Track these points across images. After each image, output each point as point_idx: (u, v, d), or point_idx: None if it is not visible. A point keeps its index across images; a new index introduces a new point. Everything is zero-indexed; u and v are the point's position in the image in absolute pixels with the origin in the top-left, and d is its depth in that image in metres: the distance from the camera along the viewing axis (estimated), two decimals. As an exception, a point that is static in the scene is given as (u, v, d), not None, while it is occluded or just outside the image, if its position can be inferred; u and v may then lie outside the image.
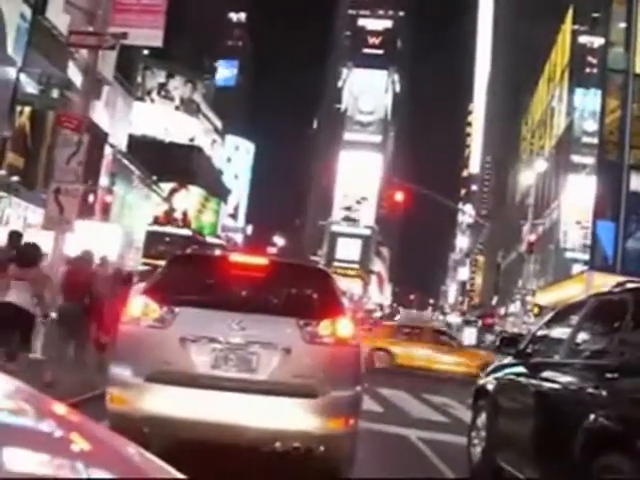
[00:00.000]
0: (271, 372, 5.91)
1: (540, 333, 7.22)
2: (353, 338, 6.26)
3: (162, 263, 7.70)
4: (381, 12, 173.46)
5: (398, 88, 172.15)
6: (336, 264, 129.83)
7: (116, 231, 33.24)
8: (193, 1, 62.08)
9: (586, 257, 35.21)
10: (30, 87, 23.39)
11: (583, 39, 46.58)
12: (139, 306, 6.18)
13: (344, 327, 6.19)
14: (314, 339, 6.01)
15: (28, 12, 22.75)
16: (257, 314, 6.16)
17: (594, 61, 42.48)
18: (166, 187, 56.29)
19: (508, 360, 7.56)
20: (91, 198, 28.60)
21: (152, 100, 68.11)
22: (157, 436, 5.68)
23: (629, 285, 5.63)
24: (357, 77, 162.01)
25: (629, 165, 31.75)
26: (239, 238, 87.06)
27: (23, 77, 22.83)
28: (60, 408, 1.77)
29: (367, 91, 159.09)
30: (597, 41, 40.40)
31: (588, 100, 41.64)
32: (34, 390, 1.80)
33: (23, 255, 9.39)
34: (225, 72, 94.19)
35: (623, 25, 33.27)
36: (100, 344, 11.07)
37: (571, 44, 47.91)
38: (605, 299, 6.00)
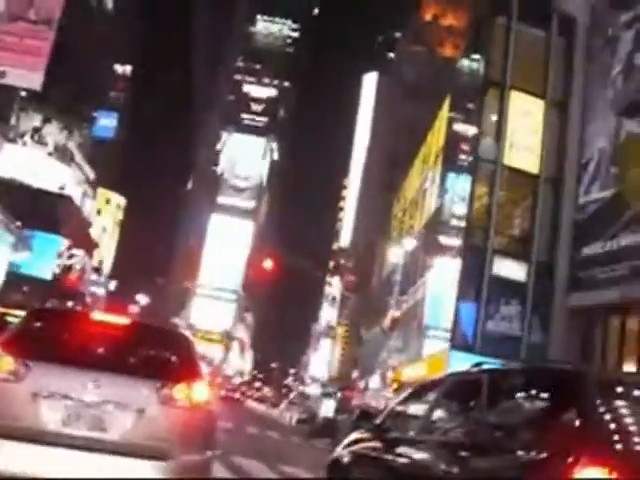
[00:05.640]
0: (123, 432, 5.84)
1: (398, 409, 7.28)
2: (208, 403, 6.35)
3: (17, 312, 7.51)
4: (267, 80, 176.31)
5: (276, 156, 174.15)
6: (198, 327, 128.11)
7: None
8: (78, 47, 61.12)
9: (447, 336, 36.06)
10: None
11: (458, 126, 48.71)
12: None
13: (199, 391, 6.26)
14: (169, 402, 6.02)
15: None
16: (113, 373, 6.09)
17: (466, 148, 44.34)
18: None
19: (365, 434, 7.56)
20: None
21: (24, 143, 66.06)
22: None
23: (485, 366, 5.78)
24: (236, 142, 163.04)
25: (493, 250, 32.98)
26: (102, 292, 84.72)
27: None
28: None
29: (245, 157, 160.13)
30: (470, 130, 42.23)
31: (459, 185, 43.27)
32: None
33: None
34: (104, 123, 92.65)
35: (495, 118, 34.94)
36: None
37: (446, 130, 49.95)
38: (462, 378, 6.12)
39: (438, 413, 6.10)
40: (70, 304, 56.56)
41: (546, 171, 33.35)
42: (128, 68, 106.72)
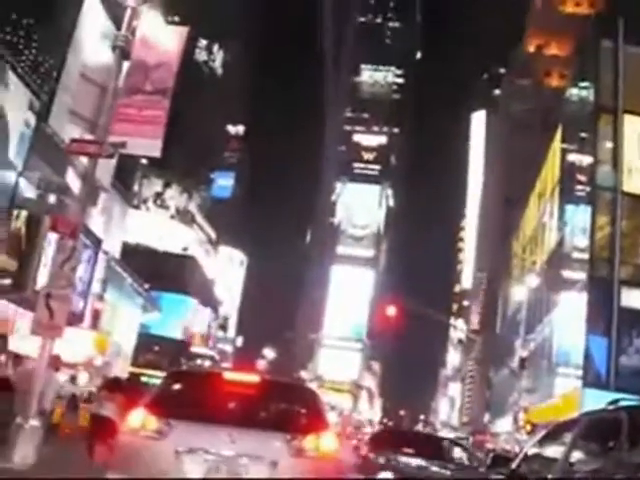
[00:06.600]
0: None
1: (532, 452, 7.09)
2: (336, 452, 6.69)
3: (149, 372, 8.07)
4: (376, 128, 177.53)
5: (392, 202, 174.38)
6: (326, 378, 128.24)
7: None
8: (192, 113, 63.50)
9: (579, 373, 34.91)
10: (29, 191, 23.57)
11: (572, 157, 47.60)
12: (138, 418, 6.61)
13: (328, 442, 6.63)
14: (299, 453, 6.41)
15: (32, 119, 23.22)
16: (247, 428, 6.54)
17: (583, 178, 43.24)
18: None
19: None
20: (81, 304, 28.42)
21: (148, 208, 68.83)
22: None
23: (622, 403, 5.57)
24: (351, 191, 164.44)
25: (620, 281, 31.90)
26: (229, 349, 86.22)
27: (22, 181, 23.04)
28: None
29: (361, 205, 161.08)
30: (585, 159, 41.26)
31: (578, 216, 42.16)
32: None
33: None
34: (221, 183, 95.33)
35: (610, 144, 34.06)
36: None
37: (561, 162, 48.94)
38: (599, 417, 5.91)
39: (575, 455, 5.90)
40: (199, 362, 57.88)
41: (669, 194, 32.26)
42: (241, 128, 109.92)
